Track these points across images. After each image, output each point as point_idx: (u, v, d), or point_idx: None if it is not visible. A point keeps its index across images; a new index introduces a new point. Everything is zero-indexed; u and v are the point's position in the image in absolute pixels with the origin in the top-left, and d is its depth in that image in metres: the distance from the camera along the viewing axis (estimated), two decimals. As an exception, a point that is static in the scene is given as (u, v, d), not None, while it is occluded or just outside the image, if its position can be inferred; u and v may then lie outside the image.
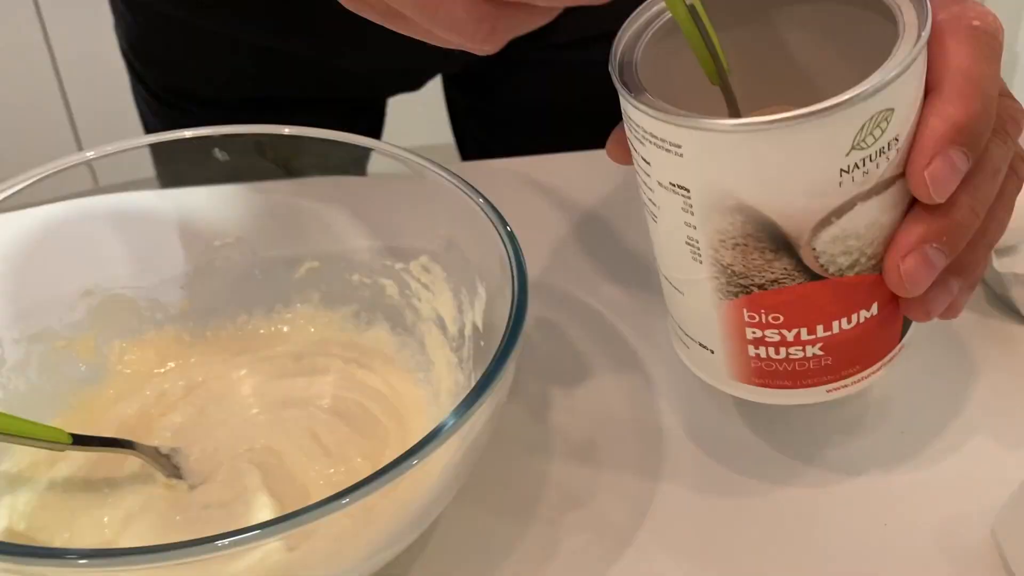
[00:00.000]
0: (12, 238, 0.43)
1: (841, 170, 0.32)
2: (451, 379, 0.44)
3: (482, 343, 0.42)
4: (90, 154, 0.44)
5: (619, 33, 0.36)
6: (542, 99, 0.73)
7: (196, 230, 0.48)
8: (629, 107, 0.34)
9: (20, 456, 0.41)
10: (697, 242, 0.35)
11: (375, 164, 0.46)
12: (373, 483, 0.32)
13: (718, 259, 0.35)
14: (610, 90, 0.36)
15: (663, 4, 0.36)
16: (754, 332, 0.36)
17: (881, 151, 0.32)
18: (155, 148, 0.46)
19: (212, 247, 0.48)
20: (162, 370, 0.46)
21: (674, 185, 0.34)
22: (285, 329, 0.48)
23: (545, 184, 0.59)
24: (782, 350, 0.36)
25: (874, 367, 0.38)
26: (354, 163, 0.46)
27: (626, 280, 0.40)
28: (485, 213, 0.41)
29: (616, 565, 0.40)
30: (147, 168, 0.47)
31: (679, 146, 0.33)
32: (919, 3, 0.34)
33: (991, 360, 0.48)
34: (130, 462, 0.41)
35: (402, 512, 0.35)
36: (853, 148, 0.32)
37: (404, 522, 0.36)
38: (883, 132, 0.32)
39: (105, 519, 0.39)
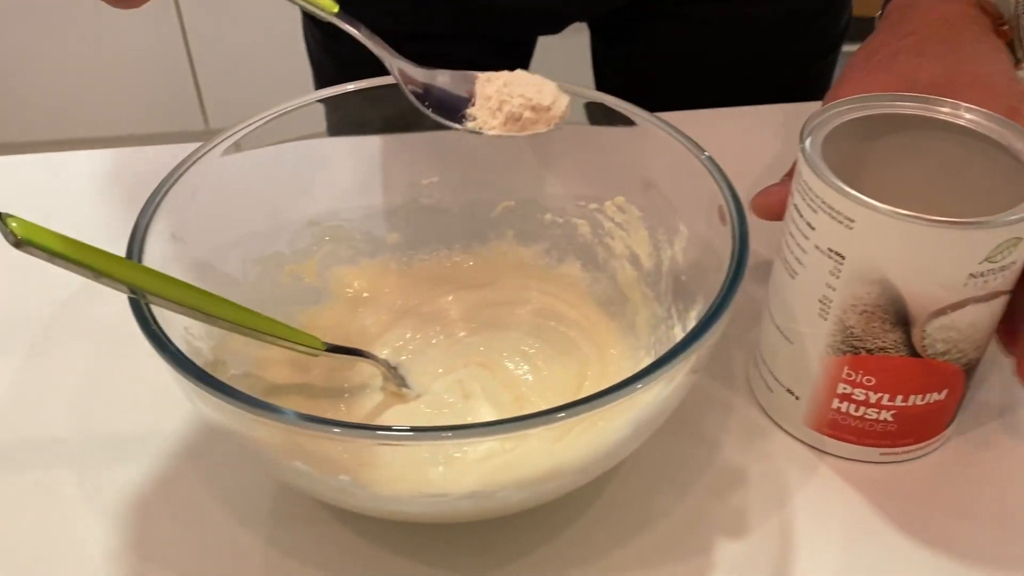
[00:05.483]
0: (253, 172, 0.47)
1: (970, 274, 0.37)
2: (647, 311, 0.47)
3: (683, 277, 0.45)
4: (318, 96, 0.48)
5: (810, 117, 0.41)
6: (677, 51, 0.76)
7: (405, 170, 0.52)
8: (813, 178, 0.39)
9: (276, 372, 0.45)
10: (831, 302, 0.40)
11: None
12: (595, 401, 0.33)
13: (843, 319, 0.40)
14: (741, 45, 0.39)
15: (855, 106, 0.42)
16: (845, 388, 0.42)
17: (1002, 268, 0.38)
18: (369, 92, 0.49)
19: (419, 186, 0.51)
20: (377, 295, 0.50)
21: (832, 251, 0.39)
22: (482, 263, 0.52)
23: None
24: (861, 409, 0.42)
25: (922, 444, 0.44)
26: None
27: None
28: (694, 154, 0.43)
29: (804, 488, 0.43)
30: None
31: (852, 220, 0.38)
32: None
33: None
34: (357, 373, 0.45)
35: (612, 434, 0.37)
36: (985, 259, 0.37)
37: (620, 438, 0.37)
38: (1009, 254, 0.37)
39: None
